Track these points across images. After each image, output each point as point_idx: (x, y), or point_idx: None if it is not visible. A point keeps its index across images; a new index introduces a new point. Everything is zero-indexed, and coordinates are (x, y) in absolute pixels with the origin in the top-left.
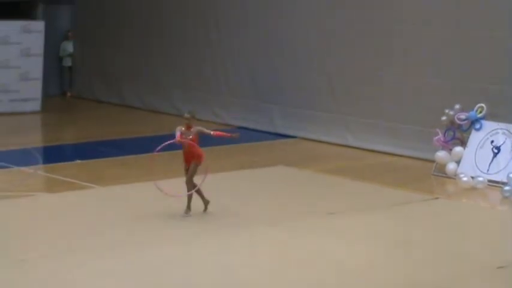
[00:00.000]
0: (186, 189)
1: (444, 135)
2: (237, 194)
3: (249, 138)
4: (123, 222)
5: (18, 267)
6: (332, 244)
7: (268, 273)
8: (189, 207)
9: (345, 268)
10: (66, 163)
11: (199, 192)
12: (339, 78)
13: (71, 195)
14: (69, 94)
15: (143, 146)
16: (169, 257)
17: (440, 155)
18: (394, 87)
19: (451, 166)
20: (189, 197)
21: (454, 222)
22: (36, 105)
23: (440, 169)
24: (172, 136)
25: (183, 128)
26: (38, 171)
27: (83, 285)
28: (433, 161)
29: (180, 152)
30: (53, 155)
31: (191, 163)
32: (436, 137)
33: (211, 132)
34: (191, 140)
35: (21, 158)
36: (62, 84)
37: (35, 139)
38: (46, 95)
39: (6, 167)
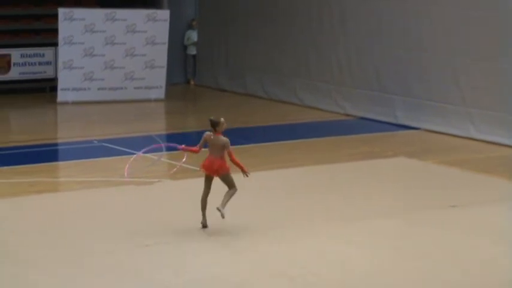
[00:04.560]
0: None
1: None
2: (357, 186)
3: (370, 129)
4: (247, 208)
5: (142, 252)
6: (452, 237)
7: (387, 265)
8: (224, 205)
9: (463, 261)
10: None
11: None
12: (463, 70)
13: (192, 182)
14: (193, 82)
15: (265, 135)
16: (302, 247)
17: None
18: None
19: None
20: (230, 197)
21: None
22: (160, 93)
23: None
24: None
25: (211, 134)
26: (161, 158)
27: (202, 270)
28: None
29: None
30: (176, 142)
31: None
32: None
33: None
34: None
35: (145, 144)
36: (186, 72)
37: (159, 126)
38: (170, 83)
39: (131, 154)
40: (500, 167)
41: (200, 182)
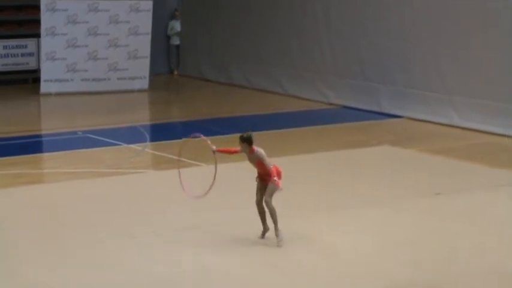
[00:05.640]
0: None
1: None
2: (341, 174)
3: (354, 118)
4: (233, 199)
5: (128, 243)
6: (437, 225)
7: (372, 253)
8: (277, 229)
9: (449, 249)
10: (173, 141)
11: (262, 215)
12: (445, 58)
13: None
14: (176, 73)
15: (249, 124)
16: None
17: None
18: (502, 67)
19: None
20: (274, 219)
21: None
22: (144, 84)
23: None
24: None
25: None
26: (145, 149)
27: (190, 261)
28: None
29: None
30: (160, 132)
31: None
32: None
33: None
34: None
35: (129, 135)
36: (169, 62)
37: (142, 117)
38: (154, 73)
39: (115, 144)
40: (483, 154)
41: (185, 171)
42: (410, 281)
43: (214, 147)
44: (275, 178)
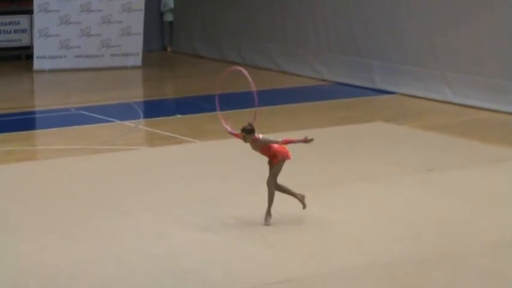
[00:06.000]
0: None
1: None
2: (334, 151)
3: (347, 94)
4: (221, 177)
5: (122, 220)
6: (430, 200)
7: (365, 229)
8: (269, 213)
9: (441, 223)
10: (166, 117)
11: (286, 192)
12: (439, 33)
13: (171, 149)
14: (169, 49)
15: (243, 101)
16: (283, 212)
17: None
18: (495, 43)
19: None
20: (269, 200)
21: None
22: (137, 60)
23: None
24: None
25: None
26: (139, 126)
27: (183, 236)
28: None
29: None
30: (153, 109)
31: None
32: None
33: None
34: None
35: (122, 112)
36: (162, 39)
37: (136, 93)
38: (147, 50)
39: (108, 121)
40: (476, 130)
41: (178, 148)
42: (403, 256)
43: (228, 128)
44: (280, 157)
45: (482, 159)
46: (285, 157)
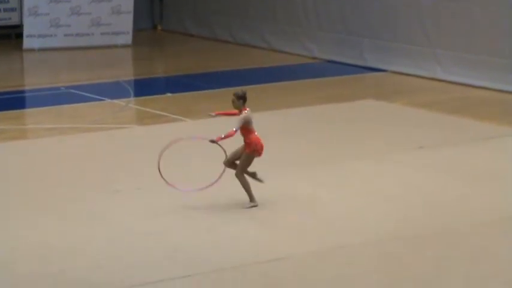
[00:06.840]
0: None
1: None
2: (326, 129)
3: (338, 72)
4: (212, 156)
5: (112, 198)
6: (421, 178)
7: (356, 207)
8: (251, 199)
9: (433, 201)
10: (156, 96)
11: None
12: (429, 10)
13: (161, 128)
14: (159, 28)
15: (233, 79)
16: (273, 191)
17: None
18: (486, 21)
19: None
20: (246, 189)
21: None
22: (127, 39)
23: None
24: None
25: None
26: (129, 104)
27: (174, 215)
28: None
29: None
30: (144, 88)
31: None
32: None
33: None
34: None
35: (112, 90)
36: (153, 17)
37: (126, 72)
38: (137, 29)
39: (99, 100)
40: (467, 108)
41: (169, 126)
42: (395, 234)
43: (213, 113)
44: (253, 149)
45: (473, 136)
46: (255, 152)
